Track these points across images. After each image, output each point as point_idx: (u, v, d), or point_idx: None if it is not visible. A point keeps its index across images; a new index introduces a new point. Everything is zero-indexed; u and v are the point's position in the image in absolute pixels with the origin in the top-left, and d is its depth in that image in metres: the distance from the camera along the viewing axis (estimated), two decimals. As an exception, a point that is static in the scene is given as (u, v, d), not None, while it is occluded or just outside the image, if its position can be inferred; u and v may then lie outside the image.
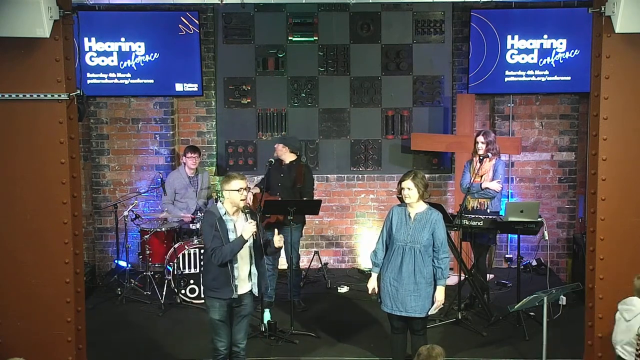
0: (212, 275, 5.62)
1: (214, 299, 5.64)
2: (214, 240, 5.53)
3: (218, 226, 5.53)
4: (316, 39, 9.01)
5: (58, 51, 5.48)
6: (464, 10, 8.84)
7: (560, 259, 9.16)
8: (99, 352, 6.62)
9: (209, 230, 5.56)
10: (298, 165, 7.77)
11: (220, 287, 5.59)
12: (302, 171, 7.68)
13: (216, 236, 5.53)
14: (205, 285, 5.78)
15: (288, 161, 7.80)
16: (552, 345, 6.34)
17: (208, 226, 5.58)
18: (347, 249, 9.33)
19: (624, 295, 5.26)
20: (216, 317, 5.66)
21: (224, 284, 5.57)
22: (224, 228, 5.55)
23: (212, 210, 5.68)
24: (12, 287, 5.68)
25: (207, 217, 5.66)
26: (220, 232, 5.53)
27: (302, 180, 7.67)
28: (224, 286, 5.58)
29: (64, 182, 5.60)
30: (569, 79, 8.76)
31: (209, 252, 5.56)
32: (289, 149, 7.81)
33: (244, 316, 5.76)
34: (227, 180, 5.61)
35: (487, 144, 7.47)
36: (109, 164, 9.09)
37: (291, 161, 7.79)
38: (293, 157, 7.82)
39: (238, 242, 5.52)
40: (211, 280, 5.64)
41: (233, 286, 5.57)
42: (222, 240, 5.53)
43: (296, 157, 7.83)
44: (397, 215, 5.84)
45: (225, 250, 5.50)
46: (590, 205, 5.84)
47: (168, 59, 8.82)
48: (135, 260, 8.82)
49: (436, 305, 5.84)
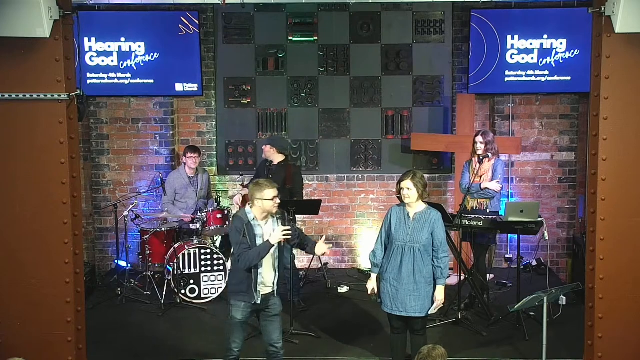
0: (237, 279, 5.64)
1: (239, 300, 5.65)
2: (241, 245, 5.53)
3: (246, 231, 5.53)
4: (316, 39, 9.01)
5: (58, 51, 5.48)
6: (464, 10, 8.84)
7: (560, 259, 9.16)
8: (99, 352, 6.61)
9: (236, 235, 5.55)
10: (287, 166, 7.79)
11: (245, 291, 5.60)
12: (291, 172, 7.70)
13: (243, 241, 5.52)
14: (230, 289, 5.75)
15: (277, 162, 7.83)
16: (552, 345, 6.35)
17: (236, 231, 5.56)
18: (347, 249, 9.33)
19: (624, 295, 5.26)
20: (238, 317, 5.65)
21: (248, 289, 5.59)
22: (251, 233, 5.55)
23: (241, 215, 5.64)
24: (12, 287, 5.68)
25: (235, 222, 5.63)
26: (248, 237, 5.53)
27: (292, 181, 7.68)
28: (248, 290, 5.59)
29: (64, 182, 5.59)
30: (569, 79, 8.77)
31: (235, 256, 5.55)
32: (276, 150, 7.85)
33: (274, 315, 5.76)
34: (260, 189, 5.57)
35: (486, 144, 7.47)
36: (109, 164, 9.09)
37: (280, 162, 7.81)
38: (281, 157, 7.85)
39: (264, 247, 5.52)
40: (236, 285, 5.65)
41: (256, 292, 5.59)
42: (249, 245, 5.53)
43: (284, 158, 7.85)
44: (396, 215, 5.84)
45: (252, 255, 5.50)
46: (590, 205, 5.83)
47: (168, 59, 8.82)
48: (135, 260, 8.82)
49: (436, 305, 5.84)
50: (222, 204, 8.54)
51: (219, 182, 9.23)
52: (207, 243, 8.20)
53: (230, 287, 5.76)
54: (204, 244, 8.02)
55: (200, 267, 7.89)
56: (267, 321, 5.75)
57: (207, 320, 7.56)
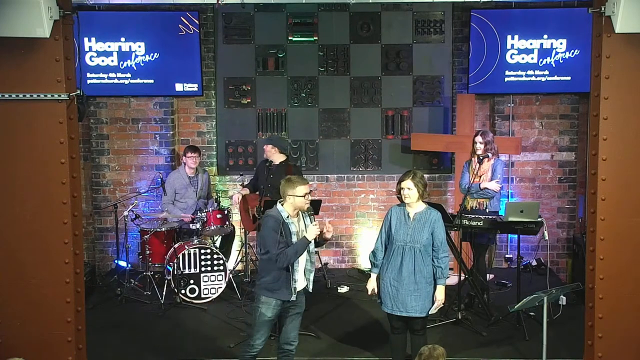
0: (271, 277, 5.61)
1: (272, 298, 5.64)
2: (279, 244, 5.51)
3: (283, 230, 5.53)
4: (316, 39, 9.01)
5: (58, 51, 5.48)
6: (464, 10, 8.85)
7: (560, 259, 9.16)
8: (99, 352, 6.61)
9: (271, 235, 5.52)
10: (287, 166, 7.80)
11: (280, 288, 5.60)
12: (291, 171, 7.71)
13: (280, 240, 5.51)
14: (263, 287, 5.68)
15: (278, 162, 7.83)
16: (552, 345, 6.35)
17: (271, 231, 5.53)
18: (347, 249, 9.33)
19: (624, 295, 5.26)
20: (268, 315, 5.65)
21: (284, 286, 5.59)
22: (287, 231, 5.56)
23: (274, 214, 5.61)
24: (12, 287, 5.67)
25: (269, 222, 5.58)
26: (284, 235, 5.53)
27: None
28: (283, 288, 5.60)
29: (64, 182, 5.59)
30: (569, 79, 8.77)
31: (274, 256, 5.51)
32: (278, 150, 7.87)
33: (298, 313, 5.78)
34: (292, 185, 5.56)
35: (486, 144, 7.48)
36: (109, 164, 9.09)
37: (280, 162, 7.82)
38: (282, 157, 7.87)
39: (302, 244, 5.53)
40: (270, 282, 5.62)
41: (292, 289, 5.60)
42: (286, 244, 5.53)
43: (285, 158, 7.86)
44: (396, 215, 5.84)
45: (290, 253, 5.50)
46: (590, 205, 5.83)
47: (168, 59, 8.82)
48: (135, 260, 8.82)
49: (436, 305, 5.84)
50: (222, 204, 8.54)
51: (219, 182, 9.23)
52: (207, 243, 8.20)
53: (264, 284, 5.67)
54: (204, 244, 8.02)
55: (200, 267, 7.89)
56: (289, 318, 5.77)
57: (207, 320, 7.56)
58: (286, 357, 5.87)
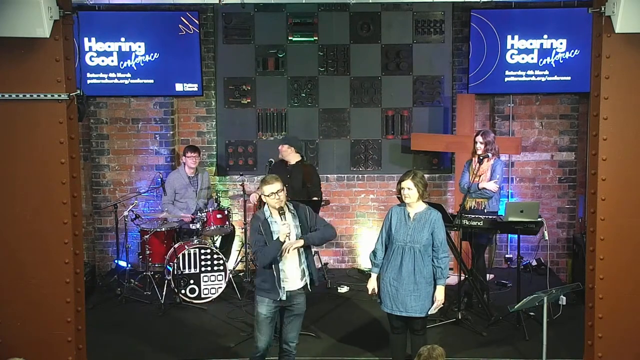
0: (261, 277, 5.69)
1: (264, 297, 5.69)
2: (257, 243, 5.59)
3: (262, 229, 5.58)
4: (316, 39, 9.01)
5: (58, 51, 5.47)
6: (464, 10, 8.85)
7: (560, 259, 9.16)
8: (99, 352, 6.61)
9: (254, 235, 5.62)
10: (303, 166, 7.79)
11: (270, 288, 5.63)
12: (309, 171, 7.71)
13: (259, 240, 5.58)
14: (257, 286, 5.77)
15: (294, 162, 7.82)
16: (552, 345, 6.34)
17: (254, 230, 5.63)
18: (347, 249, 9.33)
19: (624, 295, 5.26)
20: (263, 312, 5.68)
21: (273, 286, 5.62)
22: (267, 230, 5.59)
23: (258, 214, 5.70)
24: (12, 287, 5.67)
25: (253, 222, 5.71)
26: (264, 235, 5.58)
27: (311, 180, 7.70)
28: (272, 288, 5.62)
29: (64, 182, 5.59)
30: (569, 79, 8.77)
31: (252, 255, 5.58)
32: (294, 150, 7.85)
33: (297, 315, 5.79)
34: (261, 185, 5.63)
35: (486, 144, 7.47)
36: (109, 164, 9.09)
37: (297, 161, 7.81)
38: (298, 157, 7.86)
39: (274, 244, 5.55)
40: (261, 282, 5.70)
41: (281, 289, 5.61)
42: (264, 243, 5.57)
43: (300, 158, 7.86)
44: (397, 215, 5.84)
45: (265, 252, 5.55)
46: (590, 205, 5.83)
47: (168, 59, 8.82)
48: (135, 260, 8.82)
49: (436, 305, 5.84)
50: (222, 204, 8.54)
51: (219, 182, 9.23)
52: (207, 243, 8.20)
53: (257, 284, 5.77)
54: (204, 244, 8.01)
55: (200, 267, 7.89)
56: (288, 319, 5.79)
57: (207, 320, 7.55)
58: (287, 357, 5.89)
